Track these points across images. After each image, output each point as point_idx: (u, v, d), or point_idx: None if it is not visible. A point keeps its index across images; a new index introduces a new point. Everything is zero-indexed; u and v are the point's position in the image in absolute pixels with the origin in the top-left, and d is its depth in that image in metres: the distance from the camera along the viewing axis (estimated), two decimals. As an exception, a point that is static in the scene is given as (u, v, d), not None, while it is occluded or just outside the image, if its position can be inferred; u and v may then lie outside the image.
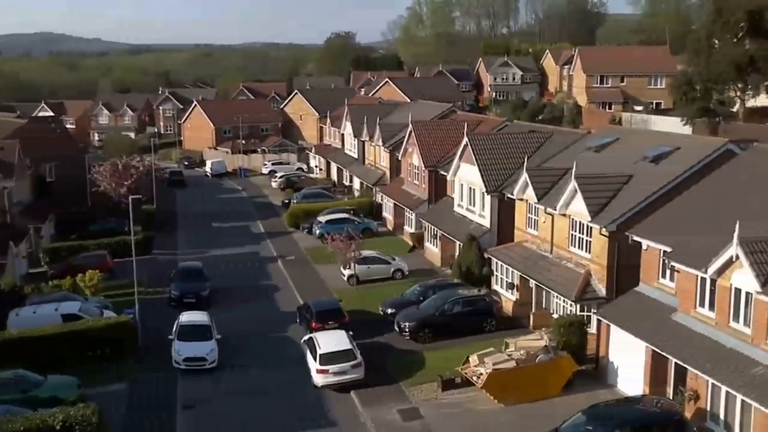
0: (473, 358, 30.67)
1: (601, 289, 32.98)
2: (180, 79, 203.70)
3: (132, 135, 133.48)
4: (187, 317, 36.94)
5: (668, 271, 28.95)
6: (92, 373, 32.93)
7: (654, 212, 31.11)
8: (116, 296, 43.68)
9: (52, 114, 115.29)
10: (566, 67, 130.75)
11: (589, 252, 34.15)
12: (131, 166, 66.78)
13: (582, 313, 33.23)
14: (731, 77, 62.67)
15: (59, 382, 30.27)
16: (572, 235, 35.50)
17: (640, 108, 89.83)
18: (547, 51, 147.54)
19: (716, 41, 64.76)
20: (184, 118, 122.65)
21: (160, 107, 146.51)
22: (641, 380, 28.57)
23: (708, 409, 25.37)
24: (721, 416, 24.81)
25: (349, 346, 32.42)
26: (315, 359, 32.05)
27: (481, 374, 29.39)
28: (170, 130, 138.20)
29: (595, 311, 32.26)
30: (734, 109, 65.77)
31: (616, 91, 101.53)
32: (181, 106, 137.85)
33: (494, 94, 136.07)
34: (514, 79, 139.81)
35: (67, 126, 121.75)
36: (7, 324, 36.24)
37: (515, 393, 28.95)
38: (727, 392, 24.27)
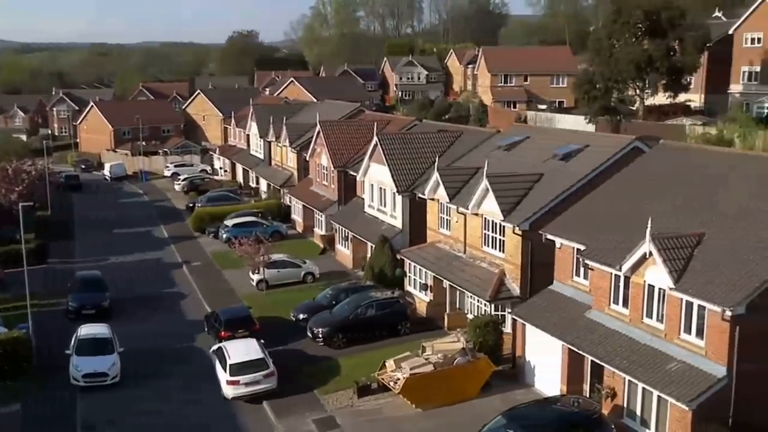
0: (389, 363, 29.94)
1: (516, 289, 32.85)
2: (75, 79, 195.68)
3: (24, 137, 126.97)
4: (86, 330, 34.82)
5: (582, 269, 29.00)
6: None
7: (566, 210, 31.14)
8: (8, 310, 40.88)
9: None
10: (470, 66, 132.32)
11: (503, 251, 33.98)
12: (22, 170, 63.06)
13: (497, 313, 33.03)
14: (631, 76, 64.34)
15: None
16: (485, 234, 35.28)
17: (543, 106, 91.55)
18: (451, 51, 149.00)
19: (616, 41, 66.35)
20: (80, 120, 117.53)
21: (54, 108, 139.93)
22: (558, 379, 28.48)
23: (625, 405, 25.44)
24: (638, 412, 24.90)
25: (261, 355, 31.15)
26: (225, 370, 30.64)
27: (398, 379, 28.68)
28: (65, 132, 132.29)
29: (510, 311, 32.07)
30: (634, 108, 67.58)
31: (520, 90, 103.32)
32: (77, 108, 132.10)
33: (400, 93, 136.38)
34: (419, 78, 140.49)
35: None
36: None
37: (433, 397, 28.40)
38: (644, 388, 24.36)
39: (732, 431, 22.62)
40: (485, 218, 35.00)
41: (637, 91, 67.28)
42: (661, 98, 69.12)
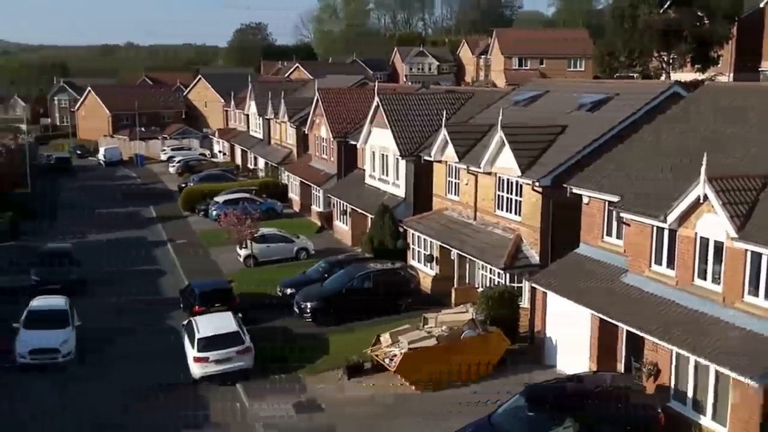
0: (385, 337, 25.29)
1: (534, 255, 28.17)
2: (79, 68, 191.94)
3: (23, 127, 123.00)
4: (39, 302, 30.39)
5: (615, 227, 24.36)
6: None
7: (594, 163, 26.48)
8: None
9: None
10: (483, 57, 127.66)
11: (519, 214, 29.33)
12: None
13: (512, 285, 28.34)
14: (656, 46, 59.28)
15: None
16: (499, 196, 30.64)
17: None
18: (464, 41, 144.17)
19: (639, 9, 61.30)
20: (77, 106, 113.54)
21: (55, 98, 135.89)
22: (586, 356, 23.75)
23: (672, 386, 20.64)
24: (689, 393, 20.10)
25: (235, 329, 26.59)
26: (192, 345, 26.11)
27: (395, 355, 24.02)
28: (66, 122, 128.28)
29: (528, 278, 27.33)
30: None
31: (535, 74, 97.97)
32: (78, 96, 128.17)
33: (410, 84, 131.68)
34: (430, 69, 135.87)
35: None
36: None
37: (435, 377, 23.71)
38: (697, 363, 19.63)
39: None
40: (499, 177, 30.35)
41: (663, 64, 62.17)
42: (688, 74, 63.97)
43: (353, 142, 45.76)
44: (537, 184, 27.51)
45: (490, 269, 29.60)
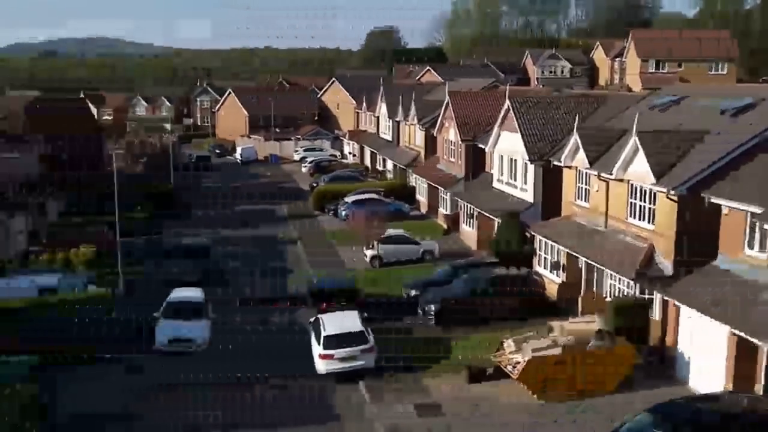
0: (509, 344, 25.04)
1: (667, 266, 27.03)
2: (221, 71, 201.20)
3: (168, 126, 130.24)
4: (177, 294, 32.08)
5: (757, 240, 23.07)
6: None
7: (735, 172, 25.19)
8: (114, 274, 39.11)
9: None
10: (618, 59, 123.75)
11: (652, 222, 28.26)
12: (148, 143, 62.39)
13: (643, 296, 27.38)
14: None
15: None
16: (631, 203, 29.64)
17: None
18: (598, 43, 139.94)
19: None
20: (218, 107, 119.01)
21: (198, 99, 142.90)
22: (722, 375, 22.63)
23: (816, 411, 19.37)
24: (836, 421, 18.80)
25: (360, 328, 27.10)
26: (318, 342, 26.81)
27: (518, 363, 23.75)
28: (207, 122, 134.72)
29: (660, 289, 26.30)
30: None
31: (673, 78, 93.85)
32: (219, 98, 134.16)
33: (542, 87, 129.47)
34: (562, 72, 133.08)
35: (105, 117, 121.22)
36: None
37: (559, 387, 23.27)
38: None
39: None
40: (632, 184, 29.37)
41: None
42: None
43: (481, 146, 45.58)
44: (672, 192, 26.42)
45: (620, 279, 28.71)
